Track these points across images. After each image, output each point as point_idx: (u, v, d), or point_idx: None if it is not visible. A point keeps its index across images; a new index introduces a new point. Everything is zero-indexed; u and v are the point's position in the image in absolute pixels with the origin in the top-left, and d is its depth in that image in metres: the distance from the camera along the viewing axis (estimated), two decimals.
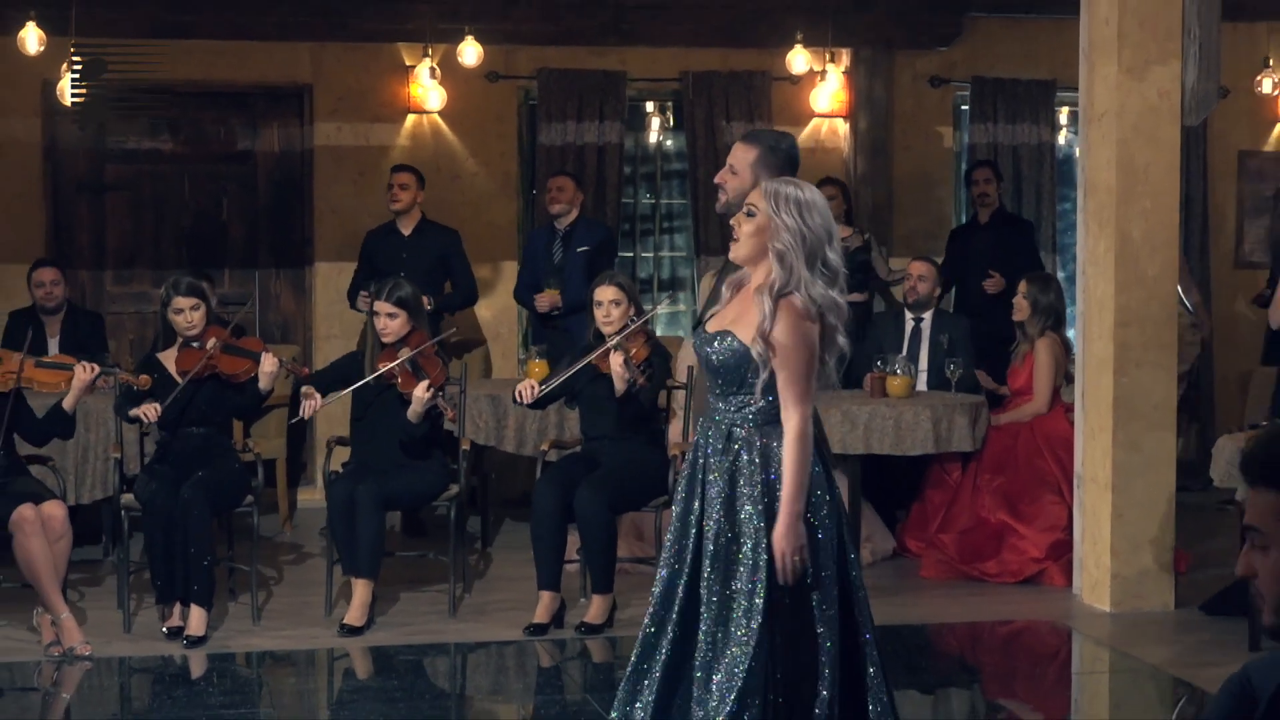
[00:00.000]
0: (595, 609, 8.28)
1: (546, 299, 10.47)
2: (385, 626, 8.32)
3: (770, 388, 5.17)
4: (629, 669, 5.42)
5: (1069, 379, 9.54)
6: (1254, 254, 12.68)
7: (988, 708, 7.83)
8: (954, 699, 7.58)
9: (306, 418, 8.63)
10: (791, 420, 5.14)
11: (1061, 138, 12.90)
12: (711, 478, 5.27)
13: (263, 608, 8.50)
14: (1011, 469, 9.66)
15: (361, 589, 8.25)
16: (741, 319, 5.19)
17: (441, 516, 10.05)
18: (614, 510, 8.26)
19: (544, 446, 9.12)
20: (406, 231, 10.56)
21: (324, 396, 8.50)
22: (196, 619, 7.95)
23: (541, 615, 8.25)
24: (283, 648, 8.04)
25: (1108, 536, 8.80)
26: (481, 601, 8.86)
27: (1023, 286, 9.89)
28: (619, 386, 8.19)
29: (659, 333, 10.79)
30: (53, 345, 9.69)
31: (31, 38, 10.55)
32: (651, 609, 5.40)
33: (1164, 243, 8.78)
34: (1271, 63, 12.62)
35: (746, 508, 5.22)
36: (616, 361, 8.16)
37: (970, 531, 9.56)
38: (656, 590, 5.39)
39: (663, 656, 5.32)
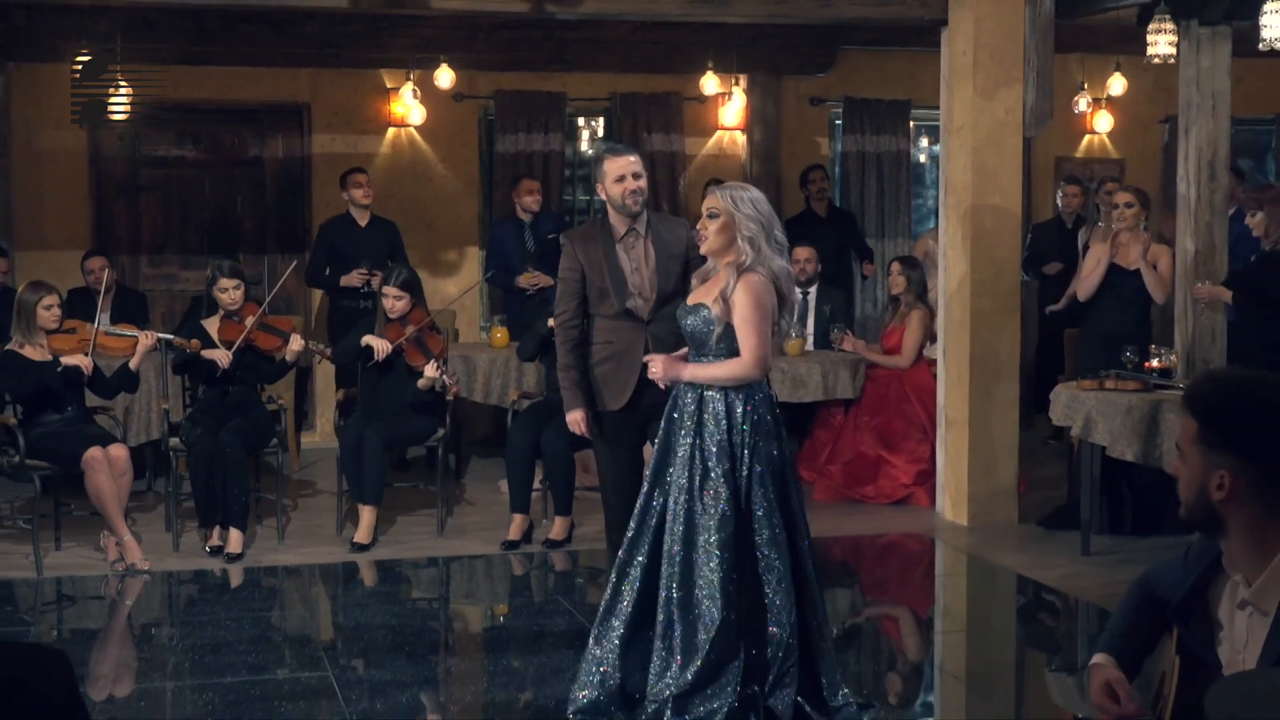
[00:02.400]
0: (557, 528, 8.32)
1: (527, 279, 10.34)
2: (386, 544, 8.33)
3: (728, 341, 5.21)
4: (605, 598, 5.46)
5: (932, 339, 9.64)
6: None
7: (868, 604, 7.86)
8: (839, 598, 7.62)
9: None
10: (741, 358, 5.17)
11: (914, 147, 12.94)
12: (685, 429, 5.26)
13: (285, 530, 8.50)
14: (885, 412, 9.70)
15: (368, 514, 8.25)
16: (711, 293, 5.26)
17: (418, 456, 10.11)
18: (573, 448, 8.26)
19: (513, 396, 9.14)
20: (363, 223, 10.39)
21: (344, 367, 8.60)
22: (235, 539, 7.97)
23: (514, 533, 8.29)
24: (304, 562, 8.03)
25: (965, 465, 8.88)
26: (461, 523, 8.87)
27: (897, 266, 9.91)
28: None
29: None
30: (103, 319, 9.60)
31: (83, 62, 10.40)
32: (623, 550, 5.41)
33: (1009, 231, 8.87)
34: (1086, 86, 12.79)
35: (710, 461, 5.21)
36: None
37: (852, 463, 9.60)
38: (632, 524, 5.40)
39: (630, 598, 5.35)
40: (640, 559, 5.33)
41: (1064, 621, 7.50)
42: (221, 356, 8.14)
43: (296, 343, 8.33)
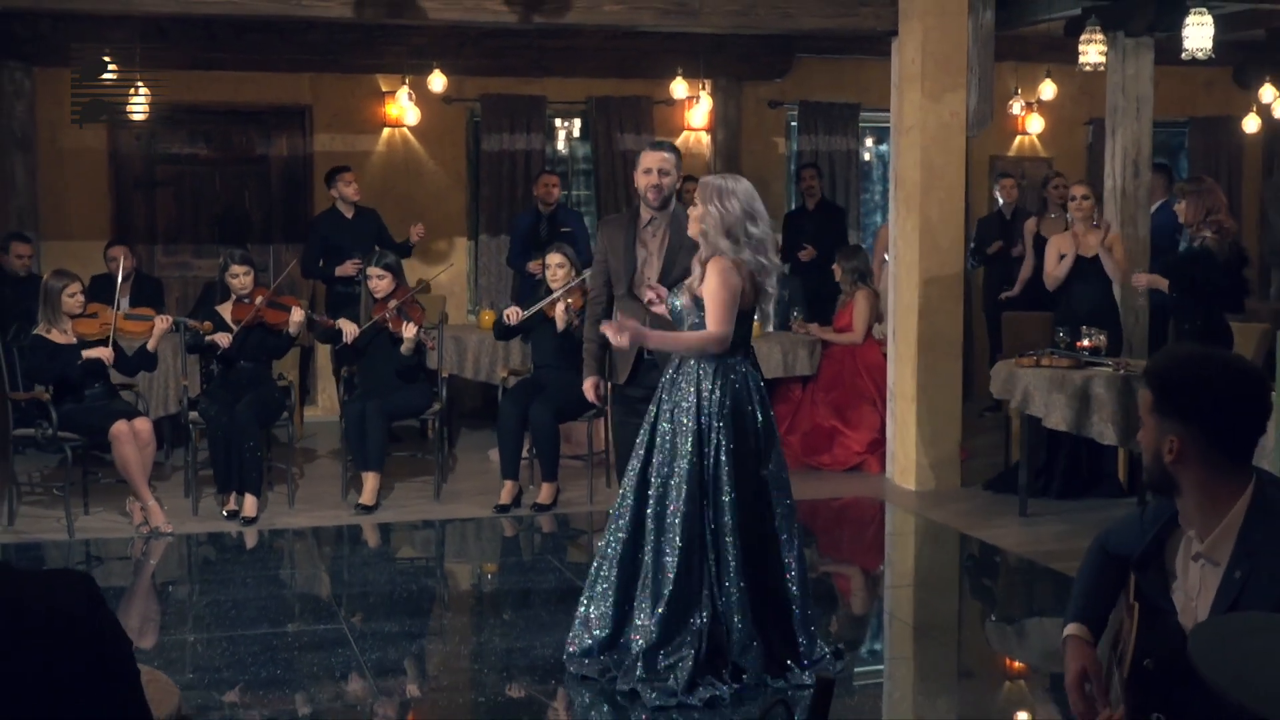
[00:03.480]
0: (544, 493, 8.32)
1: (535, 266, 10.07)
2: (387, 508, 8.32)
3: (697, 325, 5.21)
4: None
5: (880, 319, 9.67)
6: None
7: (825, 561, 7.84)
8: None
9: (349, 339, 8.53)
10: (706, 332, 5.17)
11: (862, 147, 12.97)
12: (667, 405, 5.29)
13: (294, 495, 8.48)
14: (839, 387, 9.72)
15: (371, 479, 8.24)
16: (692, 282, 5.31)
17: (409, 427, 10.08)
18: (558, 420, 8.29)
19: (502, 374, 9.14)
20: (349, 215, 10.28)
21: (338, 346, 8.61)
22: (250, 504, 7.95)
23: (505, 498, 8.28)
24: (314, 524, 8.02)
25: (913, 435, 8.93)
26: (455, 489, 8.85)
27: (838, 258, 9.99)
28: (560, 326, 8.26)
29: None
30: (123, 303, 9.55)
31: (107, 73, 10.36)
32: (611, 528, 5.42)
33: (954, 223, 8.91)
34: (1019, 91, 12.84)
35: (683, 434, 5.22)
36: (559, 309, 8.26)
37: (809, 433, 9.61)
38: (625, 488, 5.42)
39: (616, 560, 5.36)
40: (625, 521, 5.34)
41: (1003, 576, 7.54)
42: (222, 338, 8.14)
43: (298, 314, 8.33)
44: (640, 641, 5.19)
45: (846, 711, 5.23)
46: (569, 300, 8.20)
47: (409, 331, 8.31)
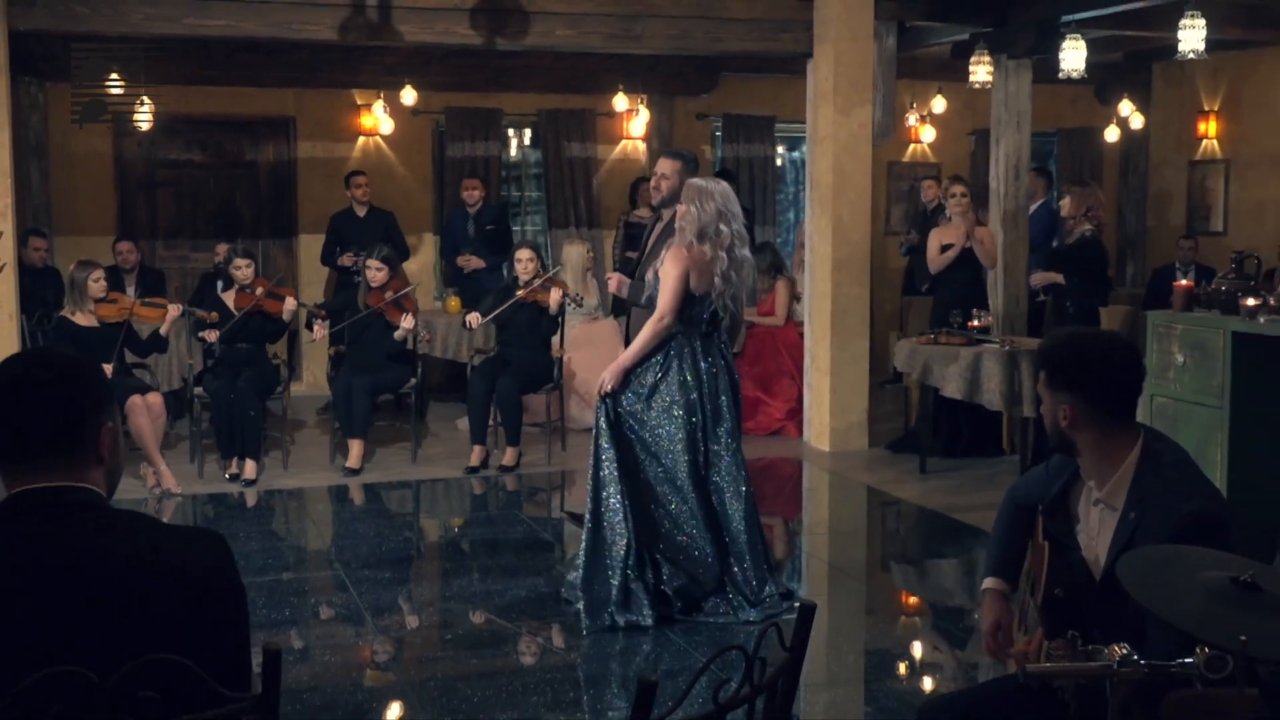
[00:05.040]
0: (509, 456, 8.34)
1: (462, 260, 10.34)
2: (371, 470, 8.31)
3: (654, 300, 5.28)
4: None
5: (798, 299, 9.72)
6: (896, 225, 12.92)
7: None
8: None
9: (316, 339, 8.60)
10: (656, 314, 5.24)
11: (777, 154, 13.00)
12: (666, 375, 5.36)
13: (288, 460, 8.46)
14: (762, 363, 9.74)
15: (356, 445, 8.23)
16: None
17: (387, 401, 10.03)
18: (521, 392, 8.33)
19: (471, 352, 9.16)
20: (362, 214, 10.28)
21: (333, 324, 8.52)
22: (250, 468, 7.92)
23: (475, 460, 8.30)
24: (308, 485, 8.01)
25: (827, 403, 8.99)
26: (429, 454, 8.82)
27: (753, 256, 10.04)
28: (553, 310, 8.30)
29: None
30: (130, 292, 9.47)
31: (114, 87, 10.23)
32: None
33: (861, 221, 8.93)
34: (914, 105, 12.95)
35: (623, 404, 5.34)
36: (555, 295, 8.29)
37: None
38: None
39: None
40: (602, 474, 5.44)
41: (905, 524, 7.63)
42: (210, 335, 8.13)
43: (291, 303, 8.34)
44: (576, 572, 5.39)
45: (770, 637, 5.30)
46: (558, 288, 8.31)
47: (407, 322, 8.31)
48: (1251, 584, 2.21)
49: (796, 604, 5.25)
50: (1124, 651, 2.24)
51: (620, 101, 11.72)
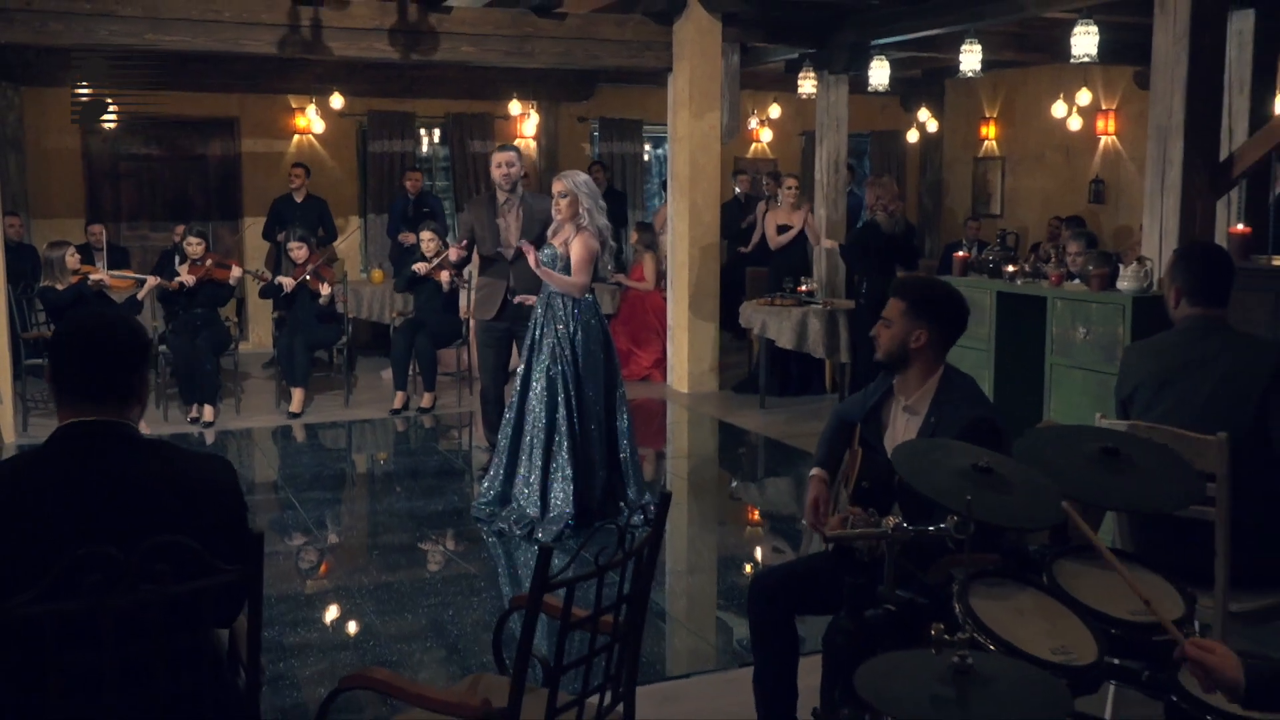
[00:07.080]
0: (426, 399, 8.37)
1: (403, 237, 10.22)
2: (311, 413, 8.30)
3: (565, 269, 5.37)
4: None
5: (663, 273, 9.81)
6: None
7: None
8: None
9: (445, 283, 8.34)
10: (574, 279, 5.36)
11: (644, 151, 13.11)
12: (540, 328, 5.47)
13: (240, 405, 8.43)
14: (633, 321, 9.80)
15: (298, 393, 8.23)
16: (559, 240, 5.46)
17: (321, 357, 9.89)
18: (436, 348, 8.35)
19: (392, 316, 9.17)
20: (299, 200, 10.19)
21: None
22: (208, 412, 7.89)
23: (397, 404, 8.33)
24: (257, 426, 7.98)
25: (685, 354, 9.11)
26: (360, 399, 8.81)
27: (637, 230, 10.16)
28: (445, 288, 8.29)
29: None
30: (101, 267, 9.28)
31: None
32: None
33: (712, 206, 9.04)
34: (755, 111, 13.10)
35: (545, 348, 5.41)
36: (445, 276, 8.29)
37: None
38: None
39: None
40: (511, 415, 5.54)
41: (748, 450, 7.72)
42: (174, 284, 8.03)
43: (236, 271, 8.26)
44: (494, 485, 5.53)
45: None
46: (447, 272, 8.31)
47: (325, 289, 8.30)
48: (986, 468, 2.43)
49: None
50: (896, 520, 2.45)
51: (515, 107, 11.73)
